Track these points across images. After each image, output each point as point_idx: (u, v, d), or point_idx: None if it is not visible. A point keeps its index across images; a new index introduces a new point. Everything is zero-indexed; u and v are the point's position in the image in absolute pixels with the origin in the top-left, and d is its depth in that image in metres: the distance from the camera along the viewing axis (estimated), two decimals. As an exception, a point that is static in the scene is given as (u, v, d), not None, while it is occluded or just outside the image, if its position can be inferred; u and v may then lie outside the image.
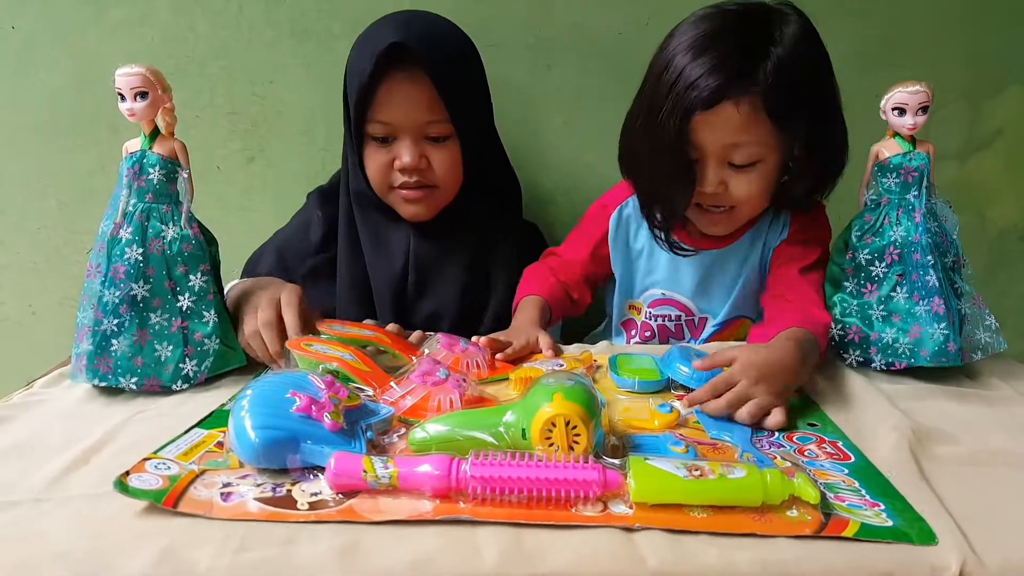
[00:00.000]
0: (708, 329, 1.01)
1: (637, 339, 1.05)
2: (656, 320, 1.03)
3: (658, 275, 1.02)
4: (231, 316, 0.82)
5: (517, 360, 0.85)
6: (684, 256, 0.97)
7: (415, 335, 0.90)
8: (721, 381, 0.69)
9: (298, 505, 0.51)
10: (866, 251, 0.82)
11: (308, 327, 0.81)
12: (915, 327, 0.79)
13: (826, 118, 0.85)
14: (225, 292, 0.86)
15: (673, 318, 1.02)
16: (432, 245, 1.05)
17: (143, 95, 0.74)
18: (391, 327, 0.90)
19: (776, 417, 0.66)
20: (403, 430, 0.63)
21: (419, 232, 1.05)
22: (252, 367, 0.81)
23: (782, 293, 0.90)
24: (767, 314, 0.91)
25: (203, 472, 0.55)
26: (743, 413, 0.66)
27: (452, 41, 1.00)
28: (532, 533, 0.48)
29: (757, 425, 0.66)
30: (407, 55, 0.92)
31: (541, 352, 0.88)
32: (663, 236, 0.96)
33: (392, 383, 0.71)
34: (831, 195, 0.93)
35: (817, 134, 0.84)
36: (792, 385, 0.72)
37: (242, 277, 0.79)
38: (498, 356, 0.84)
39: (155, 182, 0.76)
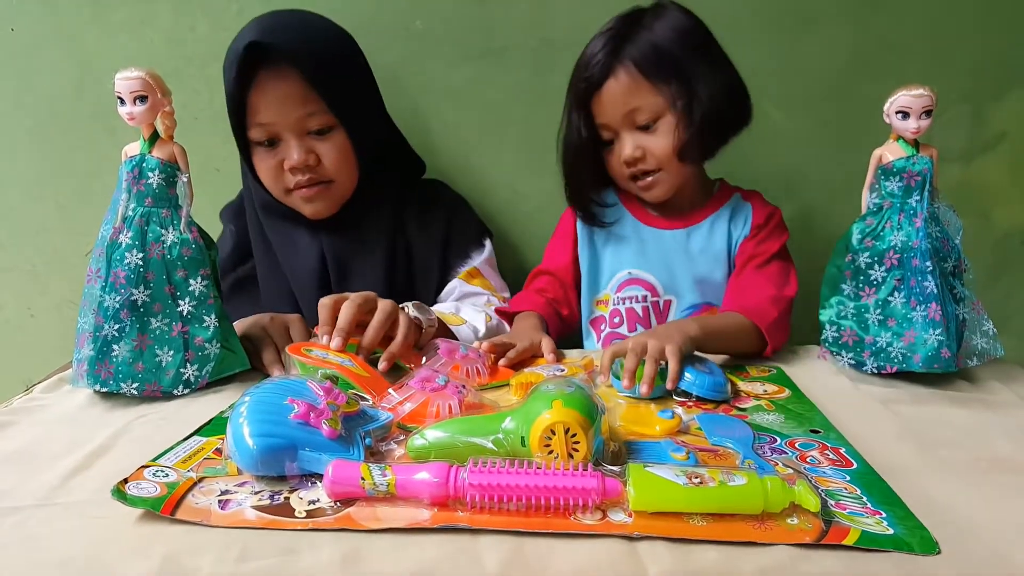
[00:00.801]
0: (675, 314, 1.05)
1: (607, 330, 1.07)
2: (624, 304, 1.06)
3: (625, 256, 1.07)
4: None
5: (519, 364, 0.85)
6: (601, 228, 1.07)
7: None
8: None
9: (296, 513, 0.51)
10: (866, 254, 0.82)
11: None
12: (910, 332, 0.79)
13: (704, 80, 0.94)
14: None
15: (640, 299, 1.05)
16: (344, 237, 1.05)
17: (143, 99, 0.74)
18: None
19: (659, 346, 0.75)
20: (402, 437, 0.62)
21: (328, 228, 1.05)
22: (255, 371, 0.81)
23: (738, 288, 1.00)
24: (721, 310, 1.00)
25: (201, 479, 0.55)
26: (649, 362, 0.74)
27: (316, 31, 0.99)
28: (533, 542, 0.48)
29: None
30: (270, 53, 0.92)
31: (543, 355, 0.88)
32: (582, 211, 1.06)
33: (391, 389, 0.70)
34: (833, 198, 0.93)
35: (694, 92, 0.94)
36: (679, 334, 0.78)
37: (215, 244, 0.83)
38: (502, 361, 0.84)
39: (154, 186, 0.76)
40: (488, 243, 1.14)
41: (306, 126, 0.97)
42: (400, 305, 0.85)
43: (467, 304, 1.05)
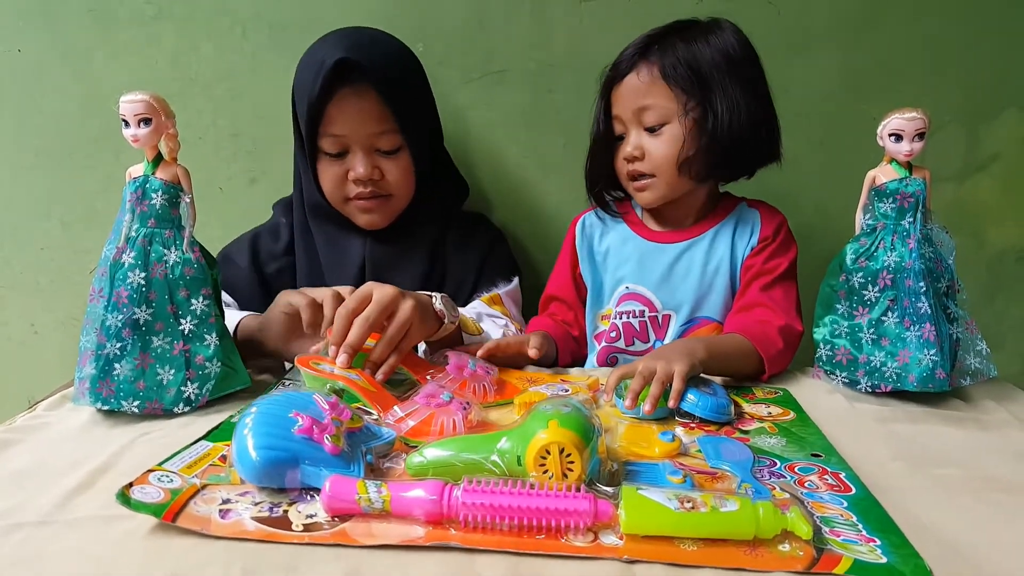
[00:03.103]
0: (674, 329, 1.04)
1: (604, 344, 1.07)
2: (621, 318, 1.05)
3: (625, 270, 1.07)
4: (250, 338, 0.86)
5: (519, 377, 0.87)
6: (613, 216, 1.09)
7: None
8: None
9: (293, 526, 0.51)
10: (859, 274, 0.83)
11: None
12: (904, 352, 0.80)
13: (728, 103, 0.94)
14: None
15: (637, 313, 1.05)
16: (387, 249, 1.08)
17: (147, 121, 0.75)
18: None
19: (668, 370, 0.75)
20: (405, 454, 0.63)
21: (374, 238, 1.08)
22: (254, 390, 0.81)
23: (743, 308, 0.99)
24: (725, 328, 0.99)
25: (204, 487, 0.56)
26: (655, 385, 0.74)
27: (396, 54, 1.03)
28: (528, 562, 0.48)
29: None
30: (353, 71, 0.95)
31: (528, 351, 0.90)
32: (595, 198, 1.08)
33: (396, 406, 0.71)
34: (827, 218, 0.93)
35: (712, 110, 0.94)
36: (687, 357, 0.78)
37: (217, 263, 0.84)
38: (479, 352, 0.87)
39: (157, 207, 0.77)
40: (516, 280, 1.16)
41: (375, 143, 1.00)
42: (430, 294, 0.88)
43: (487, 320, 1.06)
